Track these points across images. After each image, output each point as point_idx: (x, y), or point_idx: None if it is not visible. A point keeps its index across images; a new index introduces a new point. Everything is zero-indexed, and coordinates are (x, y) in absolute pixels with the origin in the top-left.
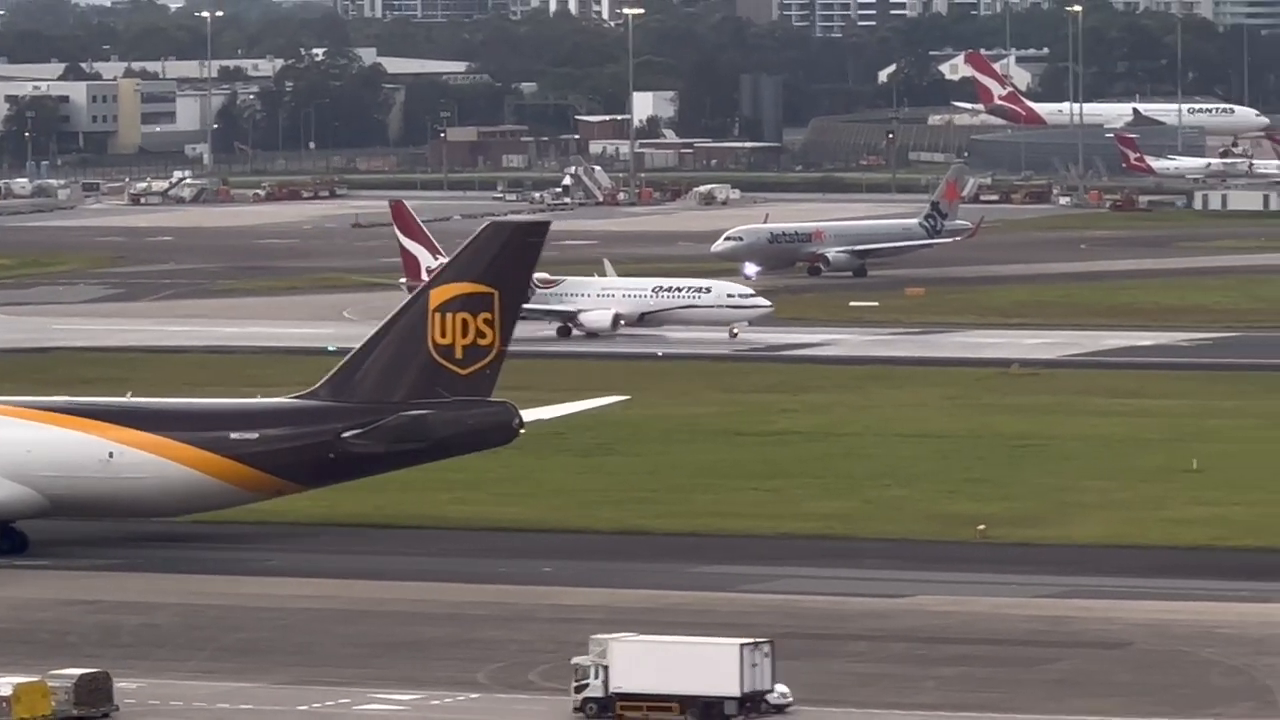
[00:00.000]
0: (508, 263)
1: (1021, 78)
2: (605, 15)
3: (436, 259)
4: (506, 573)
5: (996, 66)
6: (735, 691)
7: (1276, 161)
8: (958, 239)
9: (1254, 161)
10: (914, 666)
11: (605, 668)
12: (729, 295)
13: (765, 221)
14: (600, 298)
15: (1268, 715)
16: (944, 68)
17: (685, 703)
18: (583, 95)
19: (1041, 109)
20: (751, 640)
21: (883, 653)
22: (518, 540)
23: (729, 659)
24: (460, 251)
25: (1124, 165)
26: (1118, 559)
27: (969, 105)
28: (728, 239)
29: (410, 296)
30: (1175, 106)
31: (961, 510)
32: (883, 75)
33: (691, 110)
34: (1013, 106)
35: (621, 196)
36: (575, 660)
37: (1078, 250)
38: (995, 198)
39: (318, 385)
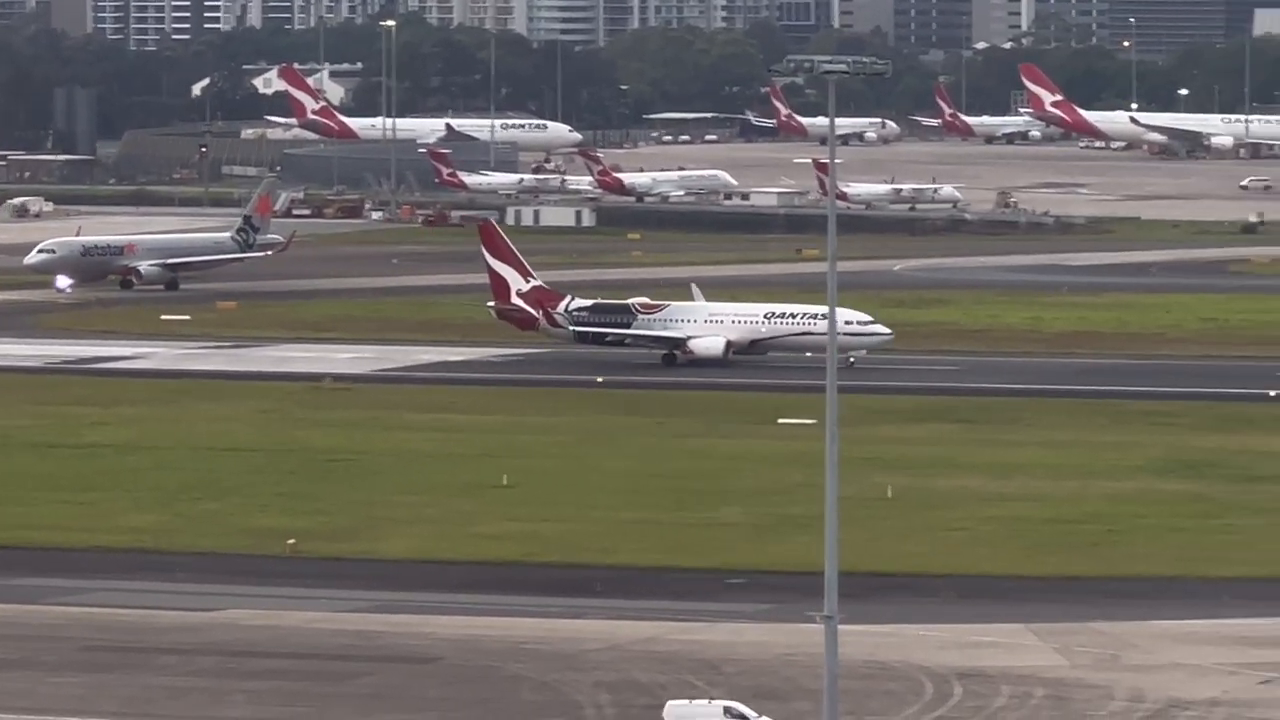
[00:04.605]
0: None
1: (335, 92)
2: None
3: (528, 281)
4: None
5: (310, 81)
6: None
7: (589, 178)
8: (270, 253)
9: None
10: (224, 680)
11: None
12: (846, 323)
13: (78, 234)
14: (709, 324)
15: None
16: (258, 81)
17: None
18: None
19: (355, 124)
20: None
21: (192, 666)
22: None
23: None
24: None
25: (437, 180)
26: (428, 574)
27: (282, 119)
28: (40, 251)
29: None
30: (489, 122)
31: (273, 524)
32: (197, 88)
33: (5, 122)
34: (326, 121)
35: None
36: None
37: (390, 265)
38: (308, 212)
39: None
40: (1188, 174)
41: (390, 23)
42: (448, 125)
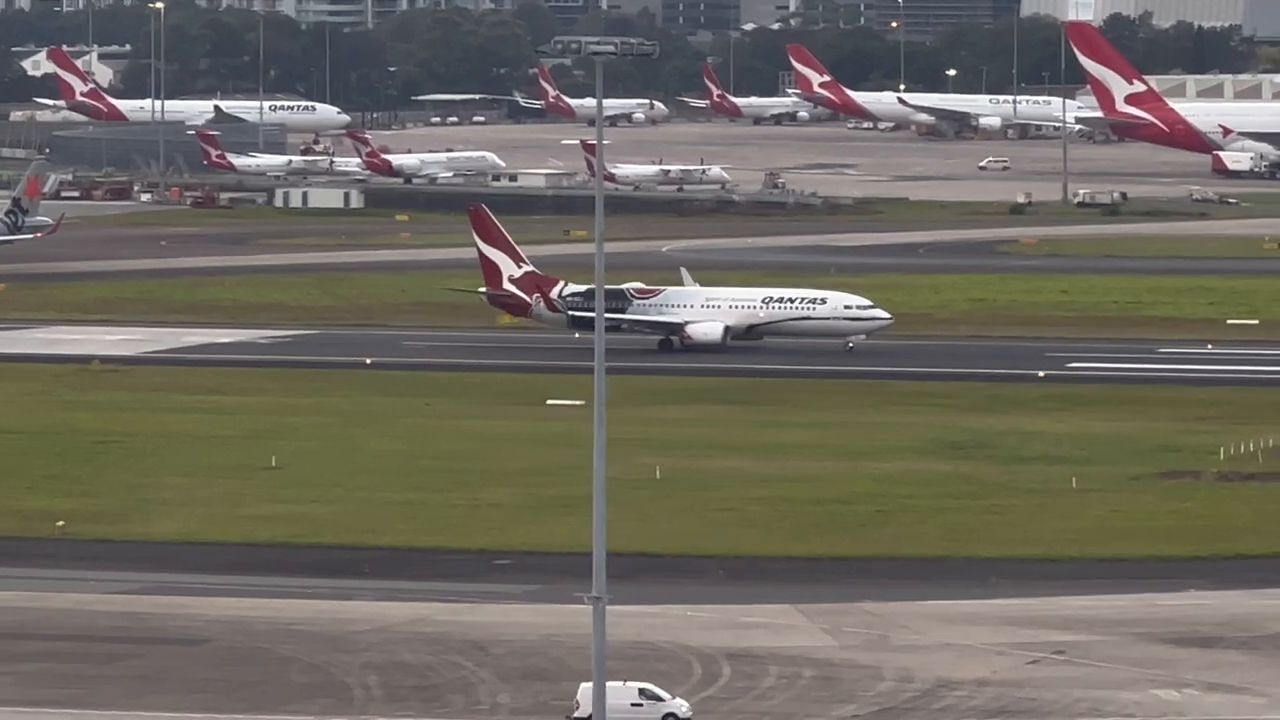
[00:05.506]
0: None
1: (104, 74)
2: None
3: (520, 267)
4: None
5: (79, 63)
6: None
7: (358, 159)
8: (39, 235)
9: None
10: None
11: None
12: (845, 306)
13: None
14: (706, 309)
15: (345, 712)
16: (26, 63)
17: None
18: None
19: (124, 105)
20: None
21: None
22: None
23: None
24: None
25: (206, 162)
26: (197, 555)
27: (51, 101)
28: None
29: None
30: (257, 104)
31: (42, 506)
32: None
33: None
34: (95, 103)
35: None
36: None
37: (159, 247)
38: (77, 194)
39: None
40: (956, 155)
41: (159, 5)
42: (216, 107)
